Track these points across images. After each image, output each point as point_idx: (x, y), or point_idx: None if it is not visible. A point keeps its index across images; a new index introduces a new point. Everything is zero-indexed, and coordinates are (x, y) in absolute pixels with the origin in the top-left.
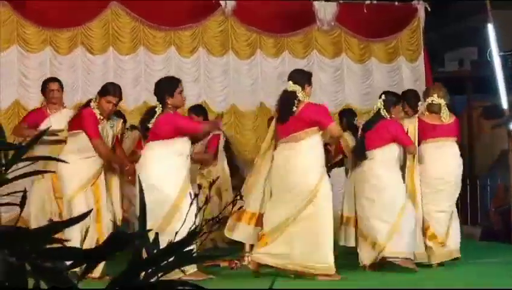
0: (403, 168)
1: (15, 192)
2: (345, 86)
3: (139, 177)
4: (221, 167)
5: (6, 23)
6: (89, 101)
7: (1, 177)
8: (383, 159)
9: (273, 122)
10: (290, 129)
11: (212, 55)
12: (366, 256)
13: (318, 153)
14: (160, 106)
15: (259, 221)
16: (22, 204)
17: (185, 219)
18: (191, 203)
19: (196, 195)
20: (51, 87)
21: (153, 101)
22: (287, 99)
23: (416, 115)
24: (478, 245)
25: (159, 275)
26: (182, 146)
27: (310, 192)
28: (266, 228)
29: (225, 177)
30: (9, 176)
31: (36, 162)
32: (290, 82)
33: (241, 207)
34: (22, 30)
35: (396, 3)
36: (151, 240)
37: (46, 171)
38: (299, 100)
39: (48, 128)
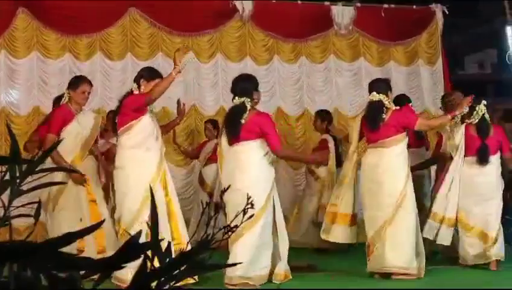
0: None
1: (31, 203)
2: (363, 90)
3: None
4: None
5: (26, 29)
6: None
7: (16, 189)
8: (498, 166)
9: (356, 126)
10: (381, 135)
11: (230, 61)
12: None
13: (404, 158)
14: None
15: (353, 220)
16: (37, 215)
17: (197, 228)
18: (203, 212)
19: (208, 203)
20: (85, 89)
21: (171, 106)
22: (375, 108)
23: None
24: None
25: (172, 283)
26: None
27: (400, 195)
28: (369, 234)
29: None
30: (25, 188)
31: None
32: (374, 92)
33: (252, 215)
34: (41, 36)
35: (414, 6)
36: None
37: (57, 183)
38: (387, 108)
39: (60, 140)
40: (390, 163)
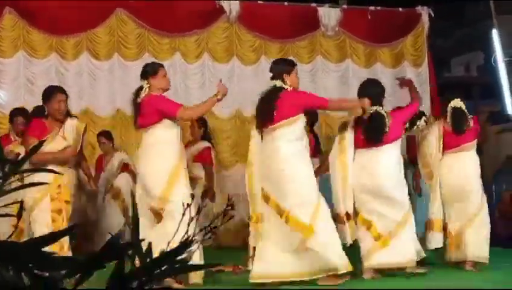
0: None
1: (13, 203)
2: (350, 90)
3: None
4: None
5: (12, 29)
6: None
7: None
8: None
9: (438, 132)
10: (464, 139)
11: (217, 62)
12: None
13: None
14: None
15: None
16: (19, 214)
17: (178, 228)
18: (184, 213)
19: (189, 204)
20: (164, 72)
21: None
22: (463, 114)
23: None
24: None
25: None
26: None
27: (481, 201)
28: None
29: None
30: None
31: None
32: (458, 99)
33: (232, 217)
34: (27, 36)
35: (400, 9)
36: (144, 249)
37: (40, 183)
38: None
39: (43, 141)
40: (474, 168)
